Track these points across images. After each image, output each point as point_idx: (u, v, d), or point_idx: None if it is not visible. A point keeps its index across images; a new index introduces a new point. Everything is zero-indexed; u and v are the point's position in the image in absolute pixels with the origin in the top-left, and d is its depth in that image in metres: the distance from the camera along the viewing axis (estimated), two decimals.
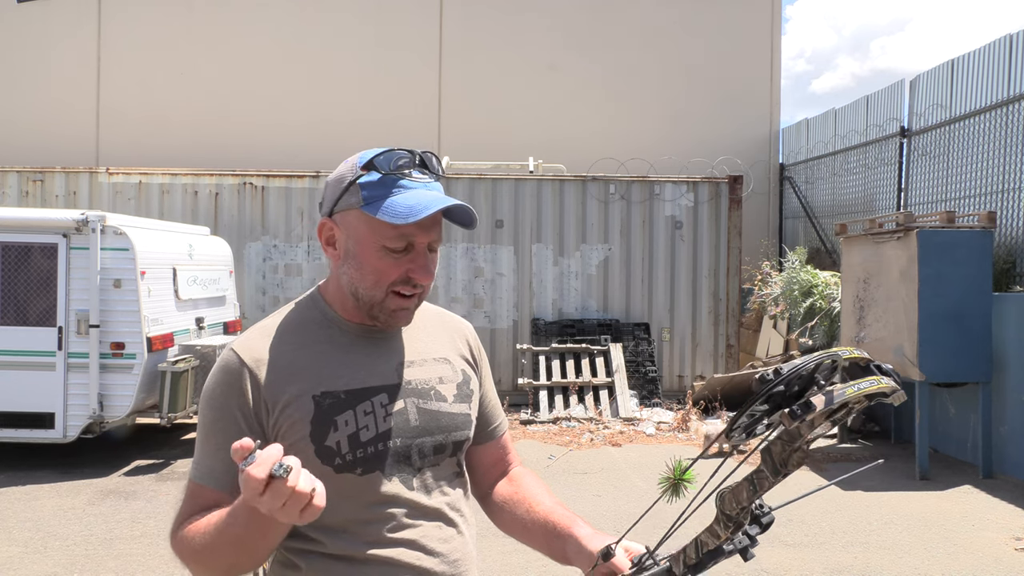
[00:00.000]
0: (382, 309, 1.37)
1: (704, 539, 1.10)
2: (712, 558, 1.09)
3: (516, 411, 9.21)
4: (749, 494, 1.03)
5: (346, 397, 1.35)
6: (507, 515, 1.54)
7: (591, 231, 10.35)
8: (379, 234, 1.33)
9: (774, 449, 0.99)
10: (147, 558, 4.80)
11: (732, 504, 1.04)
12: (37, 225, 6.69)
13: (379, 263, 1.34)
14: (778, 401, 0.96)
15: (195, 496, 1.32)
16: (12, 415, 6.58)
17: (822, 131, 12.50)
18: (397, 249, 1.33)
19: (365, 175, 1.34)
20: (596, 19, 13.61)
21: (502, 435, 1.62)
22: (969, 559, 4.89)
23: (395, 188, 1.32)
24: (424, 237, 1.34)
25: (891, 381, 0.96)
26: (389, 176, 1.33)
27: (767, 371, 0.96)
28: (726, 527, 1.06)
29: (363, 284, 1.36)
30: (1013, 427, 6.76)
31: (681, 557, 1.13)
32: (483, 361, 1.60)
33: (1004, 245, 7.97)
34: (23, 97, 13.32)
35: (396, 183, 1.32)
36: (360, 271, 1.35)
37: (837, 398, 0.93)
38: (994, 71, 8.45)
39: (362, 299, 1.37)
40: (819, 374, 0.96)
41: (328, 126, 12.92)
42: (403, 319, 1.40)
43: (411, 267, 1.34)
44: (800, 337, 9.67)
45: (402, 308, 1.38)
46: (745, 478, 1.03)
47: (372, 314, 1.38)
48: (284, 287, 10.15)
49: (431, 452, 1.41)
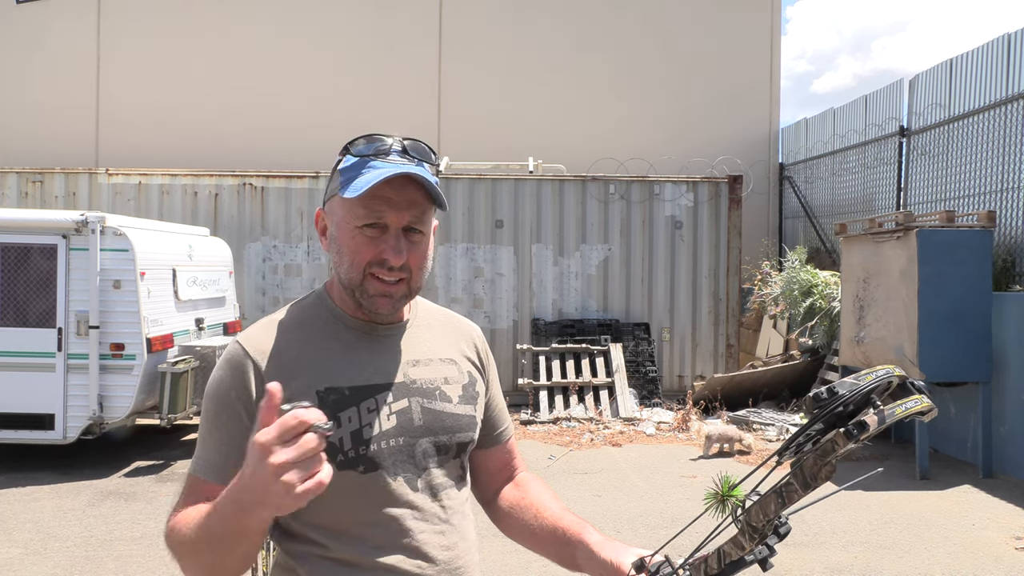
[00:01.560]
0: (363, 293, 1.35)
1: (727, 550, 1.10)
2: (734, 569, 1.10)
3: (516, 411, 9.21)
4: (777, 507, 1.04)
5: (350, 394, 1.34)
6: (514, 520, 1.52)
7: (591, 231, 10.35)
8: (352, 214, 1.33)
9: (806, 463, 1.01)
10: (147, 559, 4.80)
11: (759, 516, 1.05)
12: (37, 226, 6.69)
13: (352, 243, 1.34)
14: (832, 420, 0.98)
15: (193, 489, 1.30)
16: (12, 416, 6.57)
17: (821, 131, 12.50)
18: (369, 227, 1.33)
19: (343, 160, 1.36)
20: (596, 19, 13.60)
21: (508, 440, 1.61)
22: (969, 559, 4.89)
23: (365, 168, 1.32)
24: (395, 216, 1.32)
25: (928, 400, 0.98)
26: (363, 158, 1.34)
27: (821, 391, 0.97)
28: (751, 539, 1.07)
29: (342, 267, 1.36)
30: (1013, 427, 6.76)
31: (702, 567, 1.13)
32: (491, 365, 1.59)
33: (1004, 244, 7.97)
34: (22, 98, 13.31)
35: (367, 164, 1.33)
36: (339, 254, 1.36)
37: (888, 418, 0.95)
38: (993, 70, 8.45)
39: (345, 284, 1.37)
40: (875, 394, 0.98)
41: (328, 127, 12.91)
42: (384, 306, 1.36)
43: (383, 247, 1.33)
44: (800, 337, 9.67)
45: (382, 294, 1.35)
46: (773, 491, 1.04)
47: (357, 301, 1.37)
48: (284, 287, 10.15)
49: (435, 452, 1.39)
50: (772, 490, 1.05)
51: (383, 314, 1.39)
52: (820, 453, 0.99)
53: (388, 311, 1.38)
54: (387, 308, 1.37)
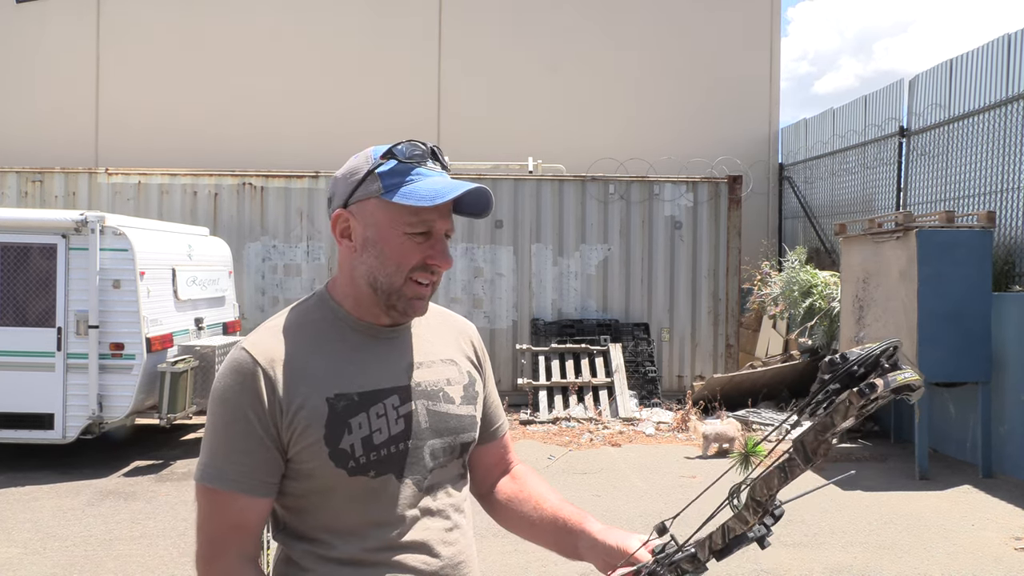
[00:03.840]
0: (400, 297, 1.37)
1: (732, 525, 1.15)
2: (737, 544, 1.15)
3: (516, 411, 9.21)
4: (780, 481, 1.09)
5: (359, 399, 1.35)
6: (513, 513, 1.55)
7: (590, 231, 10.35)
8: (400, 220, 1.34)
9: (807, 439, 1.07)
10: (147, 559, 4.80)
11: (763, 490, 1.11)
12: (36, 226, 6.69)
13: (400, 248, 1.35)
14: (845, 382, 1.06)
15: (213, 503, 1.31)
16: (11, 416, 6.57)
17: (821, 131, 12.49)
18: (417, 235, 1.35)
19: (384, 164, 1.35)
20: (596, 20, 13.61)
21: (504, 435, 1.64)
22: (969, 559, 4.89)
23: (412, 175, 1.34)
24: (443, 223, 1.36)
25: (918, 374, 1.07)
26: (405, 164, 1.35)
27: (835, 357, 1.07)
28: (755, 513, 1.12)
29: (383, 271, 1.36)
30: (1013, 427, 6.76)
31: (707, 543, 1.17)
32: (486, 362, 1.61)
33: (1004, 245, 7.96)
34: (22, 98, 13.31)
35: (412, 171, 1.34)
36: (380, 258, 1.36)
37: (891, 383, 1.03)
38: (993, 71, 8.45)
39: (381, 288, 1.37)
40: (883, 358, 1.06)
41: (327, 126, 12.92)
42: (420, 309, 1.40)
43: (431, 252, 1.36)
44: (800, 337, 9.67)
45: (419, 296, 1.38)
46: (776, 466, 1.10)
47: (390, 302, 1.38)
48: (283, 287, 10.15)
49: (441, 454, 1.41)
50: (775, 465, 1.10)
51: (416, 316, 1.43)
52: (820, 429, 1.05)
53: (422, 313, 1.42)
54: (422, 310, 1.42)
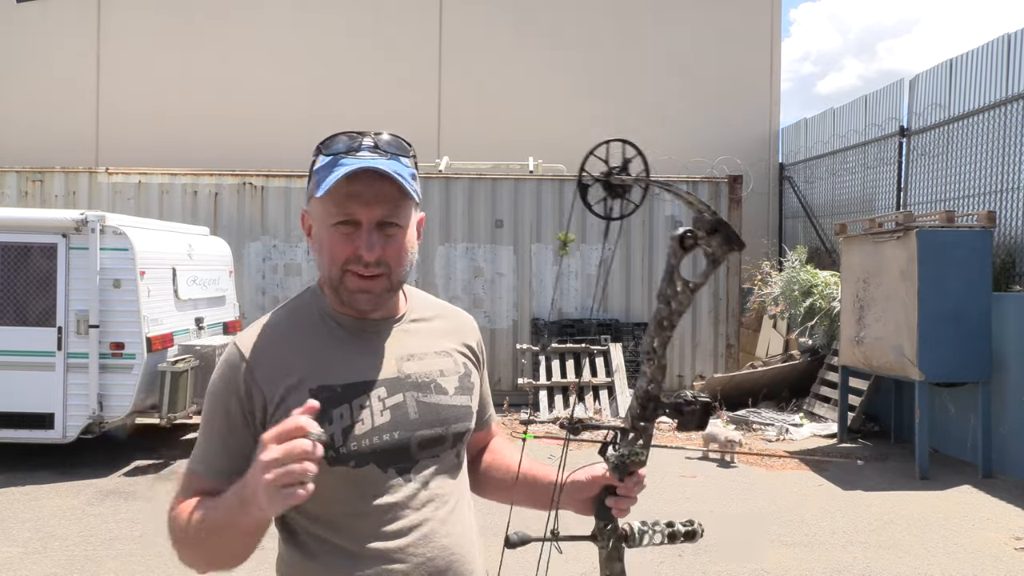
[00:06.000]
0: (343, 290, 1.37)
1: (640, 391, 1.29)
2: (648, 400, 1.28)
3: (516, 411, 9.21)
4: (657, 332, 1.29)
5: (342, 391, 1.36)
6: (489, 480, 1.63)
7: (591, 231, 10.35)
8: (326, 213, 1.34)
9: None
10: (147, 558, 4.80)
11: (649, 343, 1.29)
12: (36, 225, 6.69)
13: (328, 241, 1.35)
14: None
15: (187, 482, 1.36)
16: (11, 415, 6.57)
17: (821, 131, 12.50)
18: (343, 225, 1.34)
19: (317, 161, 1.37)
20: (596, 20, 13.60)
21: (492, 423, 1.70)
22: (969, 559, 4.89)
23: (335, 167, 1.32)
24: (366, 212, 1.33)
25: None
26: (334, 157, 1.34)
27: None
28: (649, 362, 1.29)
29: (323, 266, 1.39)
30: (1013, 427, 6.76)
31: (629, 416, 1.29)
32: (483, 356, 1.63)
33: (1004, 245, 7.97)
34: (22, 97, 13.31)
35: (338, 162, 1.33)
36: (319, 253, 1.39)
37: None
38: (993, 70, 8.45)
39: (330, 283, 1.39)
40: None
41: (327, 127, 12.78)
42: (365, 302, 1.37)
43: (358, 243, 1.34)
44: (800, 337, 9.67)
45: (362, 289, 1.36)
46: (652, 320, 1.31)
47: (339, 297, 1.39)
48: (284, 287, 10.15)
49: (431, 444, 1.41)
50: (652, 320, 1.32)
51: (365, 310, 1.39)
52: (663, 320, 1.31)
53: (369, 307, 1.39)
54: (368, 304, 1.38)
